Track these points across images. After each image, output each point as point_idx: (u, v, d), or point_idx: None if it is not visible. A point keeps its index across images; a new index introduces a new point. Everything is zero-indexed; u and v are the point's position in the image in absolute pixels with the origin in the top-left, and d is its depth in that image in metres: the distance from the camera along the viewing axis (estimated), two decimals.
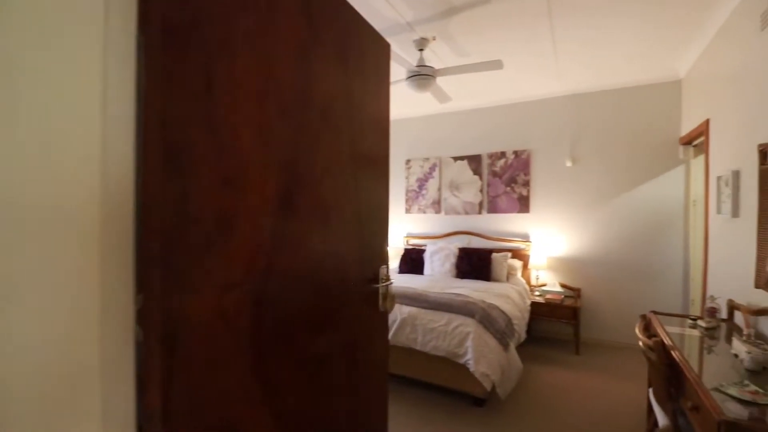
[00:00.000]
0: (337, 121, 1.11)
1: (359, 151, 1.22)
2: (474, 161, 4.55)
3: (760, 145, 1.85)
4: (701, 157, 3.02)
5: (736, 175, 2.22)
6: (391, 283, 1.29)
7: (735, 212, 2.23)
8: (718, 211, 2.52)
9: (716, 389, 1.34)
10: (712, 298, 2.11)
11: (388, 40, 3.04)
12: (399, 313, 2.90)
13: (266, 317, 0.86)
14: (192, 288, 0.70)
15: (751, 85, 2.05)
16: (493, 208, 4.45)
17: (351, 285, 1.17)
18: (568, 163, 4.02)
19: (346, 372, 1.16)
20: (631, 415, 2.43)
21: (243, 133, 0.80)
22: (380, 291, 1.26)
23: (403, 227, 5.07)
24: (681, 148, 3.52)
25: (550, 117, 4.14)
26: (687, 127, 3.33)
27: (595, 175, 3.92)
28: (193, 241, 0.70)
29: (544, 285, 4.03)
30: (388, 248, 4.62)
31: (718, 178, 2.52)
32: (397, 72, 3.21)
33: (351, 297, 1.17)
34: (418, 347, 2.74)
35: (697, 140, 3.15)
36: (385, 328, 1.36)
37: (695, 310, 3.22)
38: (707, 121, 2.78)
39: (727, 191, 2.34)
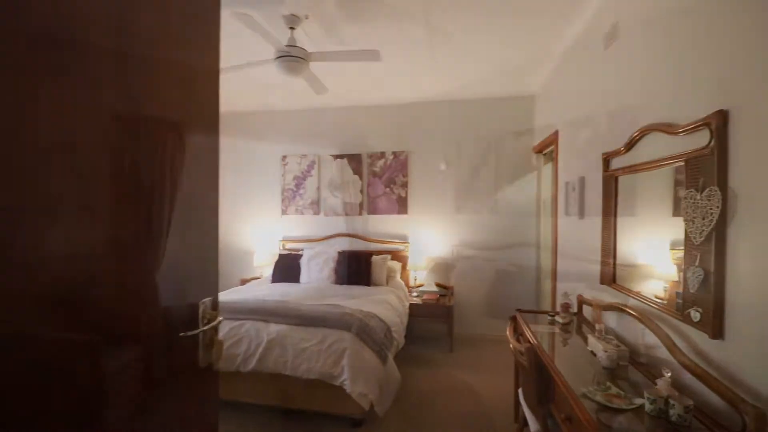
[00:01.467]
0: (94, 62, 0.65)
1: (151, 116, 0.77)
2: (354, 160, 4.34)
3: (604, 154, 2.02)
4: (551, 164, 3.36)
5: (582, 180, 2.45)
6: (220, 322, 0.87)
7: (581, 214, 2.46)
8: (567, 213, 2.78)
9: (584, 396, 1.32)
10: (566, 294, 2.27)
11: (251, 10, 2.58)
12: (266, 333, 2.47)
13: None
14: None
15: (596, 100, 2.26)
16: (374, 209, 4.31)
17: (139, 341, 0.72)
18: (443, 166, 4.13)
19: None
20: (504, 412, 2.49)
21: None
22: (200, 339, 0.83)
23: (279, 230, 4.55)
24: (534, 156, 3.92)
25: (427, 120, 4.20)
26: (539, 137, 3.70)
27: (466, 178, 4.11)
28: None
29: (421, 285, 4.05)
30: (260, 253, 4.00)
31: (566, 183, 2.79)
32: (264, 50, 2.75)
33: (138, 362, 0.72)
34: (287, 372, 2.36)
35: (548, 149, 3.51)
36: (214, 388, 0.93)
37: (546, 301, 3.59)
38: (556, 132, 3.07)
39: (574, 195, 2.57)
